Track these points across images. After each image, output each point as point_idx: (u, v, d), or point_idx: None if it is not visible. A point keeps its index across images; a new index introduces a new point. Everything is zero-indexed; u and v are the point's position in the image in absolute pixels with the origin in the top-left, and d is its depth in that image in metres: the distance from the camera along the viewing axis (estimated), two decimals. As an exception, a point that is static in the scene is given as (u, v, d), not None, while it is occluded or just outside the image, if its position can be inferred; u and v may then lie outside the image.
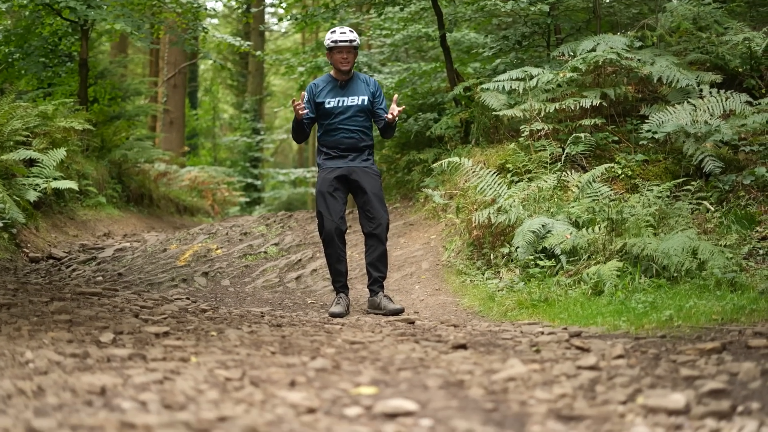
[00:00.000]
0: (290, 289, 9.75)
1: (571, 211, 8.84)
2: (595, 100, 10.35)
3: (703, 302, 6.47)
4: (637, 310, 6.46)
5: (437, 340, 5.36)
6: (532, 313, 7.35)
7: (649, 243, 7.76)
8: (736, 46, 11.43)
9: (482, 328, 6.57)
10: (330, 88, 8.27)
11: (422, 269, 10.09)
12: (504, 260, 9.10)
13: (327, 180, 8.19)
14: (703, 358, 4.39)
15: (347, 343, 5.15)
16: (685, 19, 11.70)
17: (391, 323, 7.03)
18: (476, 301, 8.40)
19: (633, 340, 5.38)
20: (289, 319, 7.05)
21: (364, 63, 19.68)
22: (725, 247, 8.20)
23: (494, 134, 11.79)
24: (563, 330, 6.10)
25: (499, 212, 9.18)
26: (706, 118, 9.86)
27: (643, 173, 10.03)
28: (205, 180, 23.51)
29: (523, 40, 13.31)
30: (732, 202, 9.40)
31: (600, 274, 7.59)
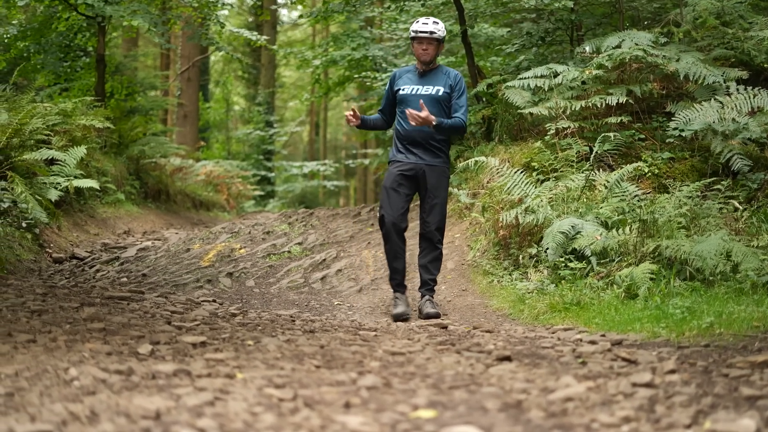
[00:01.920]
0: (316, 289, 9.68)
1: (601, 211, 8.76)
2: (621, 98, 10.26)
3: (742, 308, 6.38)
4: (676, 316, 6.38)
5: (479, 351, 5.29)
6: (565, 316, 7.29)
7: (683, 245, 7.68)
8: (762, 41, 11.33)
9: (518, 334, 6.50)
10: (409, 77, 8.22)
11: (447, 269, 10.02)
12: (532, 261, 9.02)
13: (392, 175, 8.14)
14: (756, 373, 4.31)
15: (389, 354, 5.08)
16: (709, 14, 11.60)
17: (425, 328, 6.96)
18: (506, 303, 8.33)
19: (676, 349, 5.31)
20: (320, 324, 6.98)
21: (381, 57, 19.62)
22: (758, 248, 8.13)
23: (518, 132, 11.72)
24: (602, 337, 6.03)
25: (527, 212, 9.11)
26: (734, 115, 9.75)
27: (669, 171, 9.94)
28: (220, 174, 23.47)
29: (546, 36, 13.22)
30: (761, 200, 9.32)
31: (633, 276, 7.51)
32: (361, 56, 19.29)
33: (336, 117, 49.57)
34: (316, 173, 35.99)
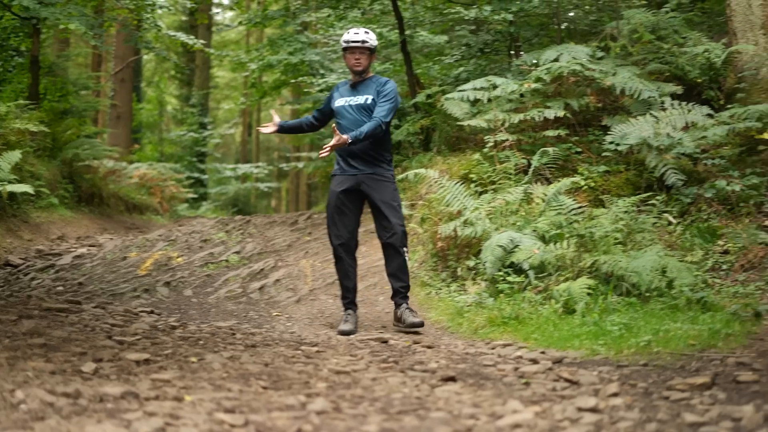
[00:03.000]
0: (254, 300, 9.66)
1: (538, 225, 8.85)
2: (559, 111, 10.39)
3: (678, 325, 6.50)
4: (614, 333, 6.48)
5: (423, 370, 5.33)
6: (504, 331, 7.34)
7: (619, 260, 7.80)
8: (696, 57, 11.54)
9: (459, 350, 6.55)
10: (344, 90, 8.21)
11: (385, 279, 10.01)
12: (470, 273, 9.08)
13: (335, 194, 8.11)
14: (697, 396, 4.41)
15: (334, 373, 5.11)
16: (644, 28, 11.79)
17: (366, 343, 6.98)
18: (444, 316, 8.37)
19: (616, 368, 5.40)
20: (261, 338, 6.98)
21: (317, 61, 19.61)
22: (691, 264, 8.29)
23: (456, 143, 11.80)
24: (542, 354, 6.11)
25: (466, 225, 9.17)
26: (669, 130, 9.93)
27: (605, 185, 10.08)
28: (153, 177, 23.25)
29: (485, 48, 13.33)
30: (693, 215, 9.48)
31: (570, 291, 7.61)
32: (297, 61, 19.23)
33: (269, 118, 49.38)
34: (249, 175, 35.83)
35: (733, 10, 11.70)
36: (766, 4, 11.40)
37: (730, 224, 9.21)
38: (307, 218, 14.22)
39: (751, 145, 10.28)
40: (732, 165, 9.93)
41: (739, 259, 8.62)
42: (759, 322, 6.81)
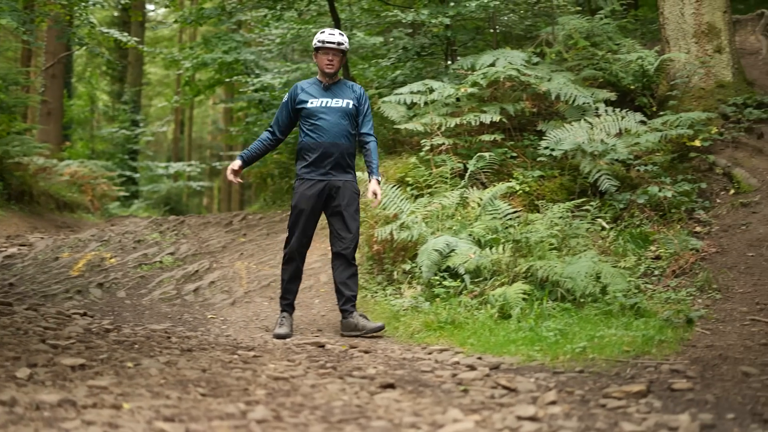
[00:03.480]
0: (188, 302, 9.59)
1: (474, 229, 8.89)
2: (495, 116, 10.45)
3: (613, 331, 6.59)
4: (549, 339, 6.54)
5: (362, 376, 5.33)
6: (440, 336, 7.36)
7: (555, 266, 7.87)
8: (629, 63, 11.69)
9: (396, 355, 6.56)
10: (314, 90, 8.06)
11: (321, 282, 10.03)
12: (406, 277, 9.10)
13: (305, 196, 7.92)
14: (633, 404, 4.47)
15: (272, 379, 5.08)
16: (579, 34, 11.91)
17: (303, 347, 6.96)
18: (381, 320, 8.36)
19: (552, 375, 5.46)
20: (196, 341, 6.93)
21: (252, 61, 19.51)
22: (624, 269, 8.40)
23: (393, 146, 11.80)
24: (479, 359, 6.15)
25: (402, 228, 9.19)
26: (603, 136, 10.05)
27: (540, 189, 10.15)
28: (85, 174, 22.95)
29: (422, 51, 13.36)
30: (626, 220, 9.60)
31: (506, 296, 7.66)
32: (232, 59, 19.12)
33: (201, 115, 49.04)
34: (181, 174, 35.54)
35: (666, 19, 11.87)
36: (698, 13, 11.59)
37: (661, 230, 9.35)
38: (242, 219, 14.14)
39: (682, 152, 10.45)
40: (664, 171, 10.07)
41: (670, 265, 8.75)
42: (691, 329, 6.92)
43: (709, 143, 10.45)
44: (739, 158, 10.49)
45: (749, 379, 5.08)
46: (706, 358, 5.86)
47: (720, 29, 11.65)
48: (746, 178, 10.10)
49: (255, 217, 14.14)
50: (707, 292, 8.13)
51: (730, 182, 10.19)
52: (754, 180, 10.07)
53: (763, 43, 14.70)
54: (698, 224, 9.57)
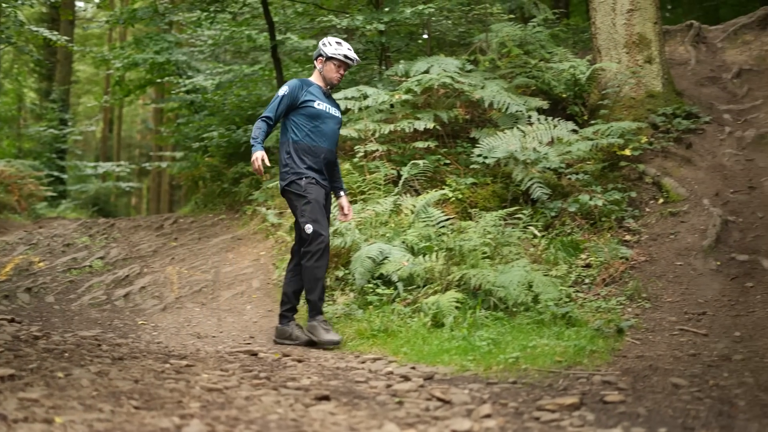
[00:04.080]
0: (118, 307, 9.48)
1: (408, 237, 8.91)
2: (429, 123, 10.48)
3: (545, 341, 6.64)
4: (482, 348, 6.57)
5: (296, 387, 5.30)
6: (373, 344, 7.37)
7: (487, 275, 7.91)
8: (562, 72, 11.80)
9: (329, 364, 6.55)
10: (318, 93, 7.94)
11: (253, 288, 9.98)
12: (339, 284, 9.09)
13: (321, 191, 7.78)
14: (567, 417, 4.50)
15: (206, 391, 5.03)
16: (512, 41, 12.00)
17: (236, 356, 6.91)
18: (313, 327, 8.35)
19: (486, 385, 5.48)
20: (127, 349, 6.84)
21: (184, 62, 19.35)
22: (556, 278, 8.47)
23: (326, 151, 11.78)
24: (412, 369, 6.16)
25: (335, 235, 9.17)
26: (535, 145, 10.12)
27: (472, 196, 10.20)
28: (11, 174, 22.54)
29: (357, 57, 13.35)
30: (557, 228, 9.68)
31: (439, 304, 7.68)
32: (164, 60, 18.94)
33: (131, 114, 48.50)
34: (110, 174, 35.11)
35: (598, 28, 12.01)
36: (629, 24, 11.73)
37: (592, 238, 9.44)
38: (173, 223, 14.00)
39: (613, 160, 10.57)
40: (595, 180, 10.18)
41: (600, 273, 8.84)
42: (621, 339, 7.01)
43: (639, 153, 10.59)
44: (669, 168, 10.64)
45: (679, 391, 5.15)
46: (636, 368, 5.92)
47: (651, 40, 11.81)
48: (675, 188, 10.25)
49: (186, 221, 14.03)
50: (637, 301, 8.23)
51: (659, 191, 10.32)
52: (683, 189, 10.22)
53: (692, 53, 14.94)
54: (628, 233, 9.68)
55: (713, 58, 14.84)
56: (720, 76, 13.93)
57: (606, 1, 11.91)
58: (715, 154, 11.01)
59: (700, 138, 11.32)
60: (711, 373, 5.71)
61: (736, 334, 7.11)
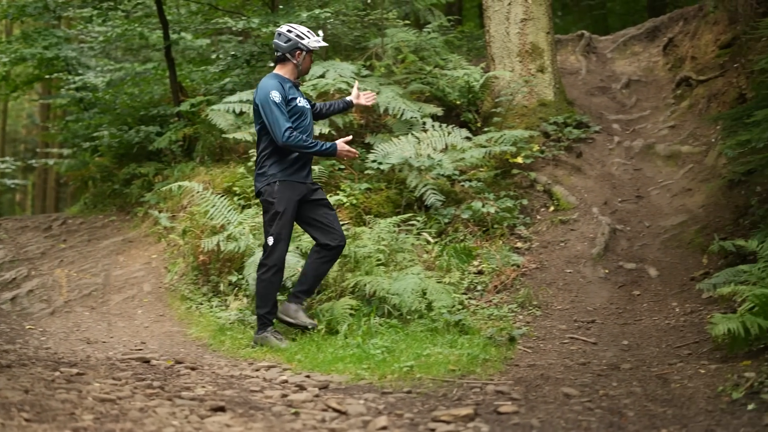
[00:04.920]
0: (5, 311, 9.28)
1: (302, 243, 8.89)
2: (324, 128, 10.46)
3: (438, 349, 6.70)
4: (377, 357, 6.60)
5: (191, 398, 5.25)
6: (267, 351, 7.33)
7: (382, 282, 7.95)
8: (456, 79, 11.92)
9: (223, 372, 6.50)
10: (293, 89, 7.67)
11: (144, 292, 9.86)
12: (233, 289, 9.03)
13: (293, 201, 7.55)
14: (462, 429, 4.56)
15: (99, 402, 4.95)
16: (407, 47, 12.07)
17: (128, 363, 6.80)
18: (206, 333, 8.28)
19: (381, 395, 5.51)
20: (15, 356, 6.71)
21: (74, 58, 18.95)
22: (449, 285, 8.55)
23: (220, 154, 11.68)
24: (307, 378, 6.16)
25: (229, 240, 9.11)
26: (429, 151, 10.20)
27: (367, 202, 10.22)
28: None
29: (252, 59, 13.26)
30: (450, 235, 9.77)
31: (333, 311, 7.70)
32: (53, 55, 18.51)
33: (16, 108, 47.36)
34: (-8, 172, 34.28)
35: (492, 37, 12.16)
36: (523, 33, 11.91)
37: (484, 245, 9.55)
38: (62, 224, 13.71)
39: (505, 168, 10.71)
40: (487, 187, 10.30)
41: (492, 280, 8.96)
42: (513, 347, 7.11)
43: (530, 161, 10.76)
44: (559, 176, 10.84)
45: (571, 401, 5.25)
46: (528, 378, 6.02)
47: (543, 49, 12.01)
48: (565, 196, 10.44)
49: (75, 222, 13.75)
50: (528, 308, 8.37)
51: (550, 199, 10.50)
52: (573, 198, 10.42)
53: (583, 63, 15.23)
54: (519, 240, 9.83)
55: (603, 68, 15.16)
56: (610, 86, 14.24)
57: (500, 11, 12.06)
58: (604, 164, 11.25)
59: (590, 147, 11.55)
60: (601, 382, 5.84)
61: (624, 342, 7.28)
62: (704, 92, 12.20)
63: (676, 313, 7.93)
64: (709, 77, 12.42)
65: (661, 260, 9.09)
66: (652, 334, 7.45)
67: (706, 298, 7.99)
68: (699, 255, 8.94)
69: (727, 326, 6.07)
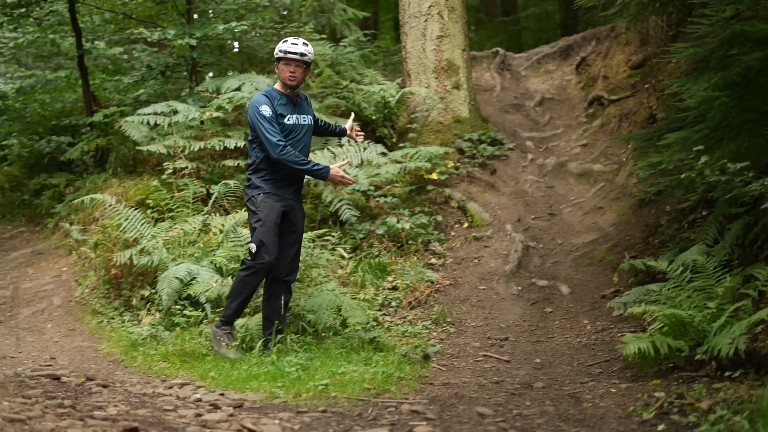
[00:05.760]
0: None
1: (216, 258, 8.83)
2: (239, 141, 10.42)
3: (353, 367, 6.70)
4: (291, 375, 6.56)
5: (103, 418, 5.16)
6: (180, 367, 7.25)
7: (297, 298, 7.92)
8: (372, 94, 11.95)
9: (136, 390, 6.40)
10: (283, 103, 7.43)
11: (54, 305, 9.70)
12: (145, 303, 8.93)
13: (276, 209, 7.34)
14: (378, 450, 4.56)
15: (8, 422, 4.85)
16: (323, 60, 12.08)
17: (37, 380, 6.67)
18: (117, 348, 8.16)
19: (296, 414, 5.48)
20: None
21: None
22: (363, 301, 8.56)
23: (133, 166, 11.54)
24: (221, 396, 6.10)
25: (142, 254, 9.00)
26: (345, 167, 10.21)
27: (282, 216, 10.17)
28: None
29: (167, 71, 13.14)
30: (365, 250, 9.79)
31: (248, 328, 7.66)
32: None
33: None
34: None
35: (408, 53, 12.23)
36: (439, 50, 12.00)
37: (399, 261, 9.59)
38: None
39: (420, 184, 10.77)
40: (402, 203, 10.35)
41: (407, 297, 9.00)
42: (428, 365, 7.15)
43: (445, 177, 10.84)
44: (474, 192, 10.93)
45: (485, 420, 5.29)
46: (443, 397, 6.05)
47: (459, 66, 12.12)
48: (479, 213, 10.53)
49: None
50: (442, 325, 8.42)
51: (464, 216, 10.59)
52: (487, 215, 10.52)
53: (497, 80, 15.39)
54: (434, 256, 9.88)
55: (517, 86, 15.34)
56: (524, 103, 14.41)
57: (416, 27, 12.14)
58: (518, 181, 11.38)
59: (504, 164, 11.67)
60: (514, 401, 5.89)
61: (537, 360, 7.37)
62: (616, 111, 12.42)
63: (587, 331, 8.05)
64: (621, 97, 12.65)
65: (572, 277, 9.22)
66: (564, 352, 7.55)
67: (617, 316, 8.13)
68: (610, 273, 9.09)
69: (638, 346, 6.18)
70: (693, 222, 8.64)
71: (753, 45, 6.50)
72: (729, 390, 5.33)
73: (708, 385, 5.62)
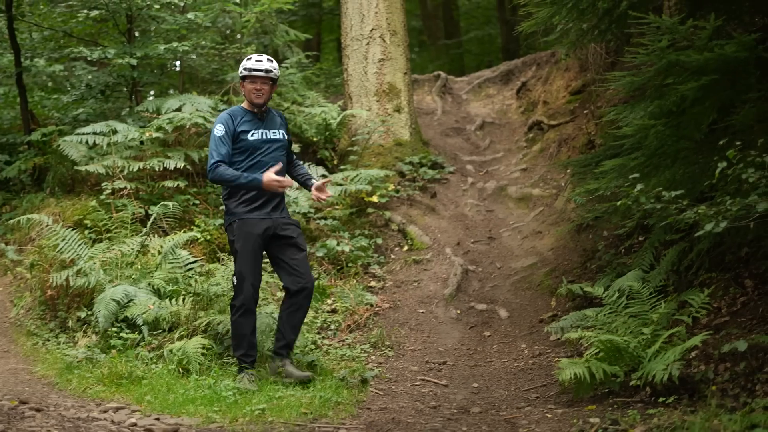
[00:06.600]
0: None
1: (154, 280, 8.77)
2: (179, 162, 10.36)
3: (291, 392, 6.71)
4: (228, 399, 6.54)
5: (38, 444, 5.12)
6: (116, 391, 7.18)
7: (234, 320, 7.88)
8: (313, 116, 11.98)
9: (70, 414, 6.33)
10: (248, 119, 7.33)
11: (-4, 328, 9.53)
12: (81, 326, 8.83)
13: (253, 236, 7.23)
14: (313, 477, 4.55)
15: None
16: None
17: (-30, 404, 6.57)
18: (52, 371, 8.04)
19: (231, 439, 5.46)
20: None
21: None
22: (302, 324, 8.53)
23: (71, 186, 11.40)
24: (157, 420, 6.06)
25: (79, 275, 8.91)
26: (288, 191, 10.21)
27: (221, 237, 10.15)
28: None
29: (107, 90, 13.04)
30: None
31: (185, 350, 7.59)
32: None
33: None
34: None
35: (350, 76, 12.28)
36: (380, 73, 12.07)
37: (338, 284, 9.60)
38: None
39: (361, 207, 10.81)
40: (343, 225, 10.37)
41: (346, 320, 9.01)
42: (365, 389, 7.15)
43: (386, 200, 10.89)
44: (414, 216, 10.99)
45: (421, 446, 5.30)
46: (380, 422, 6.05)
47: (400, 89, 12.19)
48: (419, 236, 10.58)
49: None
50: (380, 348, 8.43)
51: (404, 239, 10.63)
52: (427, 238, 10.57)
53: (438, 103, 15.48)
54: (373, 279, 9.91)
55: (459, 109, 15.44)
56: (464, 127, 14.52)
57: (359, 50, 12.20)
58: (458, 204, 11.45)
59: (444, 187, 11.75)
60: (451, 427, 5.92)
61: (474, 385, 7.40)
62: (555, 137, 12.55)
63: (525, 355, 8.10)
64: (560, 122, 12.80)
65: (511, 301, 9.28)
66: (502, 377, 7.59)
67: (554, 341, 8.20)
68: (548, 297, 9.17)
69: (574, 371, 6.24)
70: (630, 248, 8.77)
71: (688, 75, 6.61)
72: (663, 416, 5.39)
73: (642, 410, 5.69)
